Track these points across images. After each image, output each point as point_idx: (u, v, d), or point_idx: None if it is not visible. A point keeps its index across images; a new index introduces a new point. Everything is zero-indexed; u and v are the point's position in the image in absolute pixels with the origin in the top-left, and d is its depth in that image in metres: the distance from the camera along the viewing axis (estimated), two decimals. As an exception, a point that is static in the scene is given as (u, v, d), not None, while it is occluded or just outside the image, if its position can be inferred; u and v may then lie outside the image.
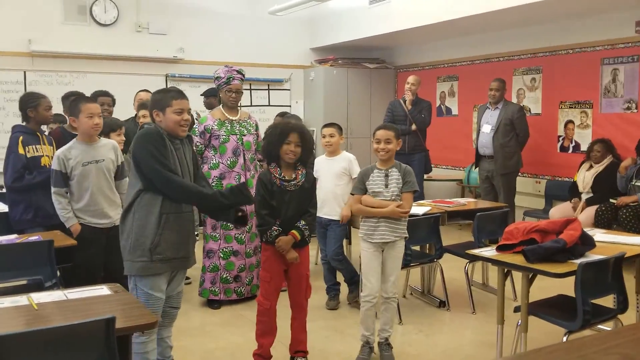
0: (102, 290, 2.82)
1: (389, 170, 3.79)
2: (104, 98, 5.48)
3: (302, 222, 3.58)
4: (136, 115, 5.63)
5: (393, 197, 3.74)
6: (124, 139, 4.68)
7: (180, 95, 3.23)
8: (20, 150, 4.39)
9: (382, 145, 3.76)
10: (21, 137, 4.43)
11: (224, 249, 4.87)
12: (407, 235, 3.88)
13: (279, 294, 3.71)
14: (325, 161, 4.77)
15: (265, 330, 3.70)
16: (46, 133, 4.87)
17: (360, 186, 3.82)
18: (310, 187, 3.66)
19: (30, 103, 4.53)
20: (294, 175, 3.58)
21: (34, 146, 4.47)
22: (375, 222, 3.76)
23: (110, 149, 4.16)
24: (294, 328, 3.76)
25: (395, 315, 3.95)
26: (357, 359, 3.86)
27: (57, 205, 4.02)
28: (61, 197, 4.01)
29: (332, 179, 4.67)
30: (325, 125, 4.81)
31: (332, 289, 4.93)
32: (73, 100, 4.21)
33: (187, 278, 5.46)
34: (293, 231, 3.55)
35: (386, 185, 3.75)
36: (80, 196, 4.04)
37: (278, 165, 3.59)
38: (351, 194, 3.95)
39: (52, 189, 4.01)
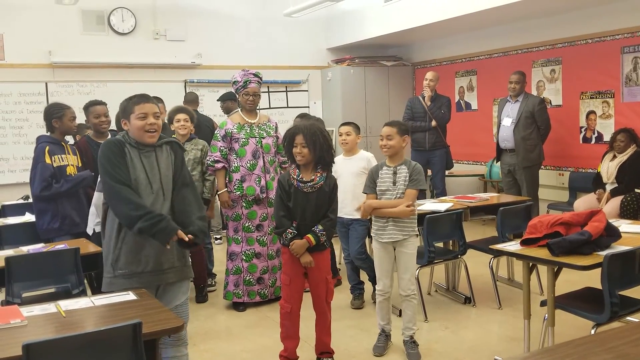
0: (128, 296, 2.84)
1: (398, 167, 3.80)
2: (100, 107, 4.93)
3: (320, 227, 3.55)
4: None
5: (399, 195, 3.76)
6: None
7: (143, 99, 3.09)
8: (47, 160, 4.46)
9: (384, 141, 3.79)
10: (47, 147, 4.51)
11: (246, 252, 4.89)
12: (418, 233, 3.91)
13: (301, 297, 3.71)
14: (343, 161, 4.77)
15: (289, 333, 3.71)
16: (71, 143, 4.93)
17: (371, 185, 3.87)
18: (330, 191, 3.61)
19: (55, 114, 4.60)
20: (312, 177, 3.57)
21: (59, 156, 4.55)
22: (384, 222, 3.80)
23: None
24: (317, 331, 3.76)
25: (416, 313, 3.93)
26: (374, 347, 3.97)
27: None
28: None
29: (351, 178, 4.66)
30: (342, 124, 4.81)
31: (356, 288, 4.93)
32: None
33: (212, 285, 5.50)
34: (308, 235, 3.54)
35: (394, 183, 3.78)
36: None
37: (297, 167, 3.61)
38: (364, 192, 3.98)
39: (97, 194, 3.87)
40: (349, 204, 4.66)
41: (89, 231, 4.14)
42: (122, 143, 3.03)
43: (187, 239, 2.93)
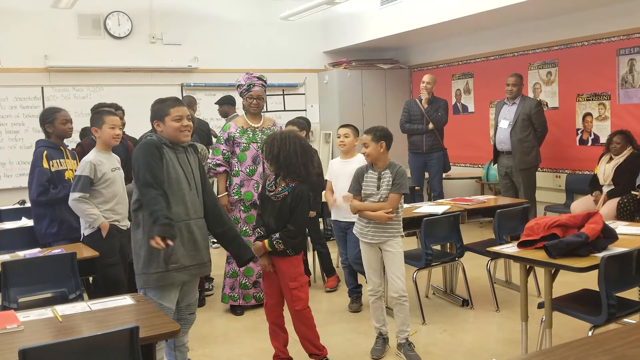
0: (125, 300, 2.84)
1: (382, 172, 3.82)
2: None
3: (276, 235, 3.57)
4: None
5: (382, 199, 3.78)
6: None
7: (177, 102, 3.33)
8: (45, 165, 4.45)
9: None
10: (45, 152, 4.50)
11: (243, 255, 4.89)
12: (403, 234, 3.92)
13: (276, 292, 3.73)
14: (339, 163, 4.76)
15: (272, 333, 3.80)
16: (70, 147, 4.92)
17: (356, 186, 3.90)
18: (293, 203, 3.57)
19: (47, 118, 4.60)
20: (277, 187, 3.61)
21: (57, 160, 4.54)
22: (366, 223, 3.86)
23: (116, 157, 4.31)
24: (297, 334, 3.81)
25: (409, 315, 3.91)
26: (372, 350, 3.97)
27: (84, 207, 3.99)
28: (87, 200, 4.03)
29: (347, 181, 4.63)
30: (341, 126, 4.81)
31: (354, 292, 4.92)
32: (96, 112, 4.33)
33: (209, 289, 5.48)
34: (265, 240, 3.60)
35: (378, 187, 3.80)
36: (108, 200, 4.09)
37: (277, 175, 3.64)
38: (348, 192, 4.03)
39: (77, 195, 3.97)
40: (346, 207, 4.66)
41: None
42: (160, 145, 3.22)
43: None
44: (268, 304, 3.78)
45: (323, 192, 5.13)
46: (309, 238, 5.26)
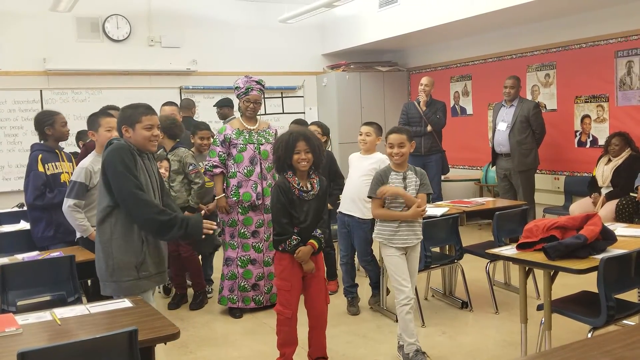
0: (124, 303, 2.84)
1: (406, 172, 3.82)
2: (115, 112, 5.35)
3: (319, 231, 3.58)
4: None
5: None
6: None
7: (150, 111, 3.22)
8: (40, 168, 4.45)
9: (396, 149, 3.77)
10: (40, 155, 4.50)
11: (242, 257, 4.89)
12: (422, 236, 3.91)
13: (298, 302, 3.69)
14: (358, 158, 4.73)
15: (287, 339, 3.69)
16: (64, 150, 4.92)
17: (379, 187, 3.78)
18: (324, 194, 3.64)
19: (47, 121, 4.60)
20: (310, 186, 3.57)
21: (53, 163, 4.53)
22: (397, 227, 3.76)
23: None
24: (314, 335, 3.73)
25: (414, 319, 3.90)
26: None
27: (77, 216, 4.03)
28: (80, 208, 4.05)
29: (360, 175, 4.58)
30: (364, 124, 4.76)
31: (349, 292, 4.90)
32: (92, 115, 4.29)
33: (209, 292, 5.47)
34: (312, 241, 3.54)
35: (405, 188, 3.76)
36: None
37: (295, 174, 3.57)
38: (369, 196, 3.89)
39: (71, 202, 4.01)
40: (350, 201, 4.64)
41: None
42: (132, 149, 3.13)
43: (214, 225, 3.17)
44: (294, 315, 3.62)
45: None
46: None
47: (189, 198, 5.05)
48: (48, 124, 4.58)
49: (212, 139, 5.20)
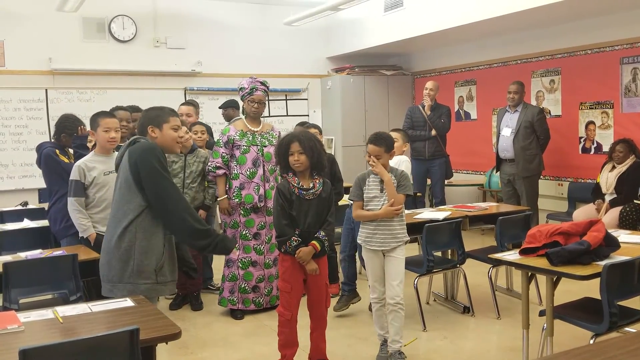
0: (126, 302, 2.84)
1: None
2: (122, 113, 5.27)
3: (322, 233, 3.58)
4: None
5: (386, 202, 3.76)
6: None
7: (175, 113, 3.26)
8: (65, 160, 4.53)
9: (372, 160, 3.78)
10: (57, 150, 4.57)
11: (243, 259, 4.88)
12: (409, 238, 3.91)
13: (299, 304, 3.70)
14: None
15: (287, 341, 3.70)
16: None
17: (357, 192, 3.86)
18: (328, 197, 3.65)
19: (68, 129, 4.66)
20: (311, 184, 3.59)
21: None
22: (373, 228, 3.80)
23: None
24: (314, 338, 3.75)
25: (403, 324, 3.86)
26: (377, 357, 3.96)
27: (78, 215, 4.05)
28: (81, 207, 4.06)
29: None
30: (392, 130, 4.77)
31: (343, 289, 4.90)
32: (93, 115, 4.27)
33: (216, 288, 5.47)
34: (313, 242, 3.55)
35: (381, 190, 3.79)
36: (96, 204, 4.09)
37: (295, 174, 3.61)
38: (349, 199, 3.98)
39: (72, 199, 4.05)
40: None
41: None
42: (162, 151, 3.12)
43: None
44: (294, 317, 3.65)
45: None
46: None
47: (206, 196, 5.16)
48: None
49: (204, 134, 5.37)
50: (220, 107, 7.28)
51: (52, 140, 4.72)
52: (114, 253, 3.07)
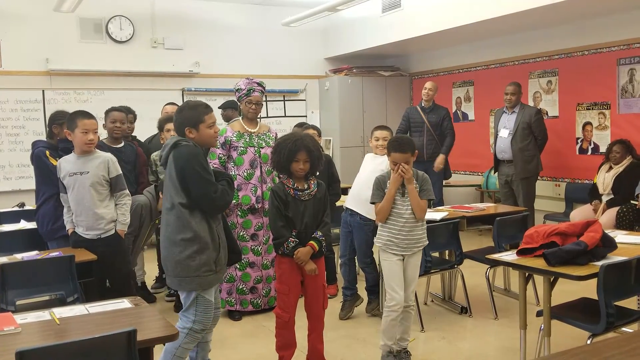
0: (123, 303, 2.83)
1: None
2: (117, 114, 5.15)
3: (319, 233, 3.58)
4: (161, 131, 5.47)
5: (409, 208, 3.71)
6: None
7: (209, 108, 3.30)
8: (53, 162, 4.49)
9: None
10: (47, 152, 4.52)
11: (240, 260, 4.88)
12: (427, 241, 3.87)
13: (296, 305, 3.70)
14: (371, 157, 4.67)
15: (285, 342, 3.69)
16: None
17: (380, 193, 3.76)
18: (323, 197, 3.65)
19: (58, 120, 4.57)
20: (306, 185, 3.59)
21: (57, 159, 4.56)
22: (397, 232, 3.72)
23: (101, 162, 4.05)
24: (312, 339, 3.73)
25: (412, 323, 3.88)
26: None
27: (64, 210, 4.15)
28: (65, 203, 4.11)
29: (368, 173, 4.49)
30: (380, 128, 4.64)
31: (344, 294, 4.89)
32: (70, 114, 4.16)
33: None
34: (311, 242, 3.54)
35: (403, 194, 3.72)
36: (67, 203, 4.13)
37: (290, 176, 3.60)
38: (372, 202, 3.85)
39: (61, 194, 4.14)
40: (356, 197, 4.61)
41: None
42: (202, 153, 3.24)
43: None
44: (291, 319, 3.64)
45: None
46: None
47: None
48: (57, 124, 4.55)
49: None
50: (219, 108, 7.28)
51: (47, 139, 4.68)
52: (173, 248, 3.18)
